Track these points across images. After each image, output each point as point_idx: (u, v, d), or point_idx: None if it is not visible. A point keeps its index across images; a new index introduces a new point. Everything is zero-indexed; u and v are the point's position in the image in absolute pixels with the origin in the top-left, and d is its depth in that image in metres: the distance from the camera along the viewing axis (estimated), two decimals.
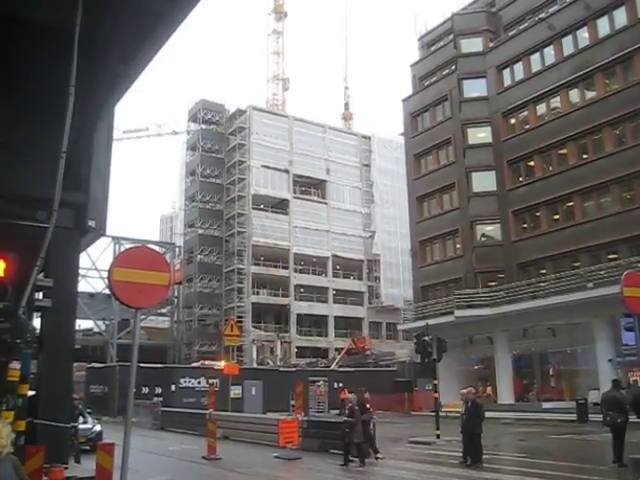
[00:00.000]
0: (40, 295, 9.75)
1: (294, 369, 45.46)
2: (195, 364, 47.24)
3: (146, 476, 13.35)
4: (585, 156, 33.83)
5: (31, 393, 9.79)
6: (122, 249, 43.10)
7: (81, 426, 15.54)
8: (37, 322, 10.83)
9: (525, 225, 37.08)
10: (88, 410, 19.52)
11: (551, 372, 35.60)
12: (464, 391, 15.78)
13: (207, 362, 47.56)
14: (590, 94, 34.09)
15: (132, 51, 8.67)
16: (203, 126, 67.52)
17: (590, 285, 30.43)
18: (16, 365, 8.43)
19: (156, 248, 22.28)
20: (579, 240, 32.38)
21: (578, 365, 33.92)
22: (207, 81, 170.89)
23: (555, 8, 36.40)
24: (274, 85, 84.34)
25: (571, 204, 34.26)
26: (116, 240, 55.88)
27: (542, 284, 33.76)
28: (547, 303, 31.84)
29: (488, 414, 30.30)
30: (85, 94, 8.10)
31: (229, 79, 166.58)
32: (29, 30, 7.90)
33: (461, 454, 15.22)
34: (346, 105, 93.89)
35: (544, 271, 34.69)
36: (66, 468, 9.35)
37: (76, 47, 7.32)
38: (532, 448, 18.88)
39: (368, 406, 17.21)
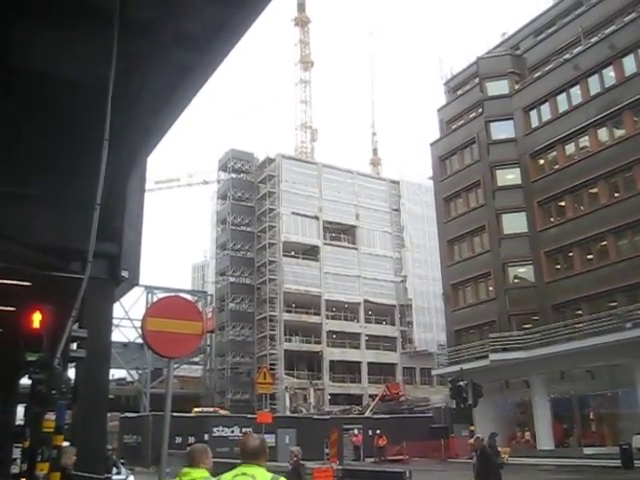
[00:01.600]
0: (74, 345, 9.83)
1: (328, 417, 44.92)
2: (196, 410, 46.40)
3: None
4: (617, 194, 33.50)
5: (66, 444, 9.80)
6: (155, 298, 43.46)
7: (115, 477, 15.44)
8: (71, 372, 10.90)
9: (558, 266, 36.61)
10: (122, 460, 19.44)
11: (592, 416, 34.63)
12: (471, 440, 14.91)
13: (205, 409, 47.18)
14: (619, 132, 33.92)
15: (163, 104, 8.88)
16: (233, 175, 68.40)
17: (629, 325, 29.79)
18: (51, 416, 8.47)
19: (188, 297, 22.40)
20: (615, 279, 31.82)
21: (620, 408, 32.96)
22: (237, 130, 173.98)
23: (580, 48, 36.49)
24: (302, 133, 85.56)
25: (604, 243, 33.80)
26: (149, 290, 56.35)
27: (578, 325, 33.12)
28: (584, 345, 31.15)
29: (528, 461, 29.62)
30: (118, 147, 8.29)
31: (258, 128, 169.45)
32: (64, 87, 8.15)
33: None
34: (374, 151, 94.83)
35: (580, 312, 34.10)
36: None
37: (109, 102, 7.52)
38: None
39: (500, 450, 17.26)
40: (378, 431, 38.31)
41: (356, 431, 38.71)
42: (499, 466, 15.68)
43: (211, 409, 46.84)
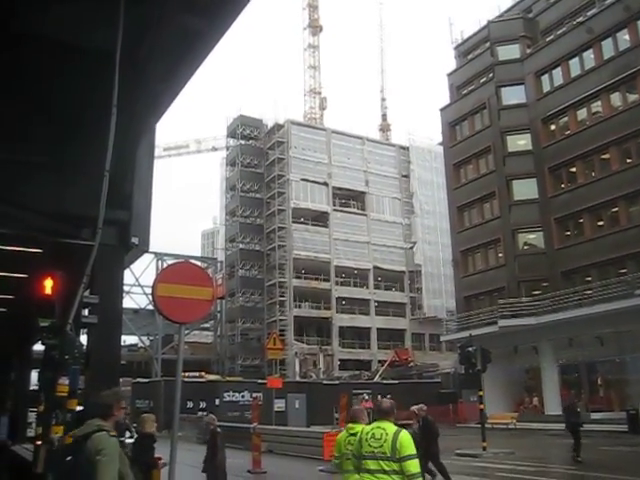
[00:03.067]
0: (86, 312, 9.93)
1: (337, 382, 45.33)
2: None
3: None
4: (629, 160, 33.19)
5: (79, 408, 9.96)
6: (165, 265, 43.67)
7: (128, 441, 15.69)
8: (84, 338, 11.03)
9: (568, 232, 36.48)
10: (134, 425, 19.73)
11: (599, 382, 34.82)
12: (415, 408, 13.96)
13: (189, 374, 47.47)
14: (632, 97, 33.47)
15: (171, 70, 8.81)
16: (242, 141, 68.13)
17: (638, 292, 29.75)
18: (65, 381, 8.59)
19: (198, 263, 22.47)
20: (625, 246, 31.70)
21: (628, 374, 33.07)
22: (245, 96, 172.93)
23: (593, 11, 35.88)
24: (311, 99, 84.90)
25: (615, 210, 33.61)
26: (159, 256, 56.61)
27: (588, 292, 33.11)
28: (593, 311, 31.17)
29: (535, 425, 29.85)
30: (126, 113, 8.26)
31: (267, 94, 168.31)
32: (71, 52, 8.10)
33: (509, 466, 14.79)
34: (383, 116, 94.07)
35: (589, 279, 34.05)
36: None
37: (117, 67, 7.48)
38: (583, 460, 18.45)
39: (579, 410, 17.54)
40: (389, 396, 38.59)
41: (366, 396, 38.93)
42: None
43: (196, 374, 46.78)
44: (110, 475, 4.35)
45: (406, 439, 5.33)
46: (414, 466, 5.21)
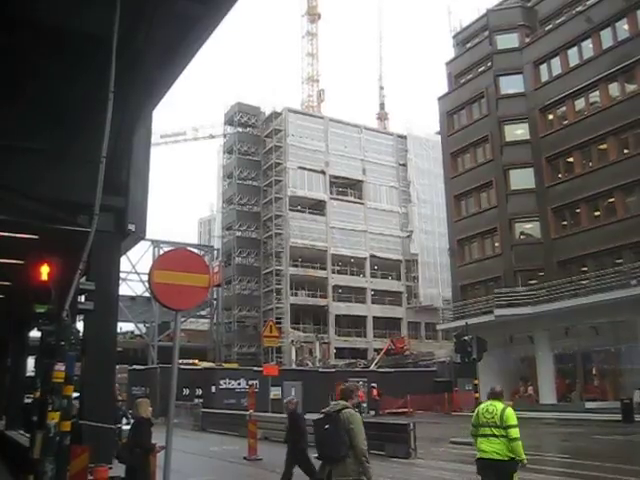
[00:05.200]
0: (82, 298, 9.93)
1: (333, 370, 45.44)
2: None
3: (188, 476, 13.49)
4: (626, 151, 33.13)
5: (76, 395, 9.97)
6: (161, 252, 43.64)
7: (124, 427, 15.76)
8: (80, 325, 11.02)
9: (565, 222, 36.48)
10: (130, 411, 19.80)
11: (594, 371, 34.94)
12: (286, 401, 13.42)
13: (185, 361, 47.29)
14: (631, 87, 33.37)
15: (167, 57, 8.78)
16: (239, 129, 67.86)
17: (634, 282, 29.79)
18: (61, 367, 8.59)
19: (195, 251, 22.44)
20: (621, 236, 31.71)
21: (622, 364, 33.19)
22: (242, 84, 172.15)
23: (593, 0, 35.73)
24: (309, 87, 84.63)
25: (612, 200, 33.58)
26: (155, 243, 56.61)
27: (584, 282, 33.16)
28: (589, 301, 31.21)
29: (530, 414, 29.91)
30: (123, 99, 8.23)
31: (265, 82, 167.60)
32: (68, 39, 8.05)
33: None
34: (381, 105, 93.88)
35: (585, 269, 34.08)
36: (110, 468, 9.50)
37: (114, 54, 7.44)
38: (576, 449, 18.56)
39: None
40: (373, 384, 38.56)
41: (360, 384, 38.59)
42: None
43: (191, 361, 46.65)
44: (360, 439, 6.10)
45: (510, 413, 7.60)
46: (515, 433, 7.47)
